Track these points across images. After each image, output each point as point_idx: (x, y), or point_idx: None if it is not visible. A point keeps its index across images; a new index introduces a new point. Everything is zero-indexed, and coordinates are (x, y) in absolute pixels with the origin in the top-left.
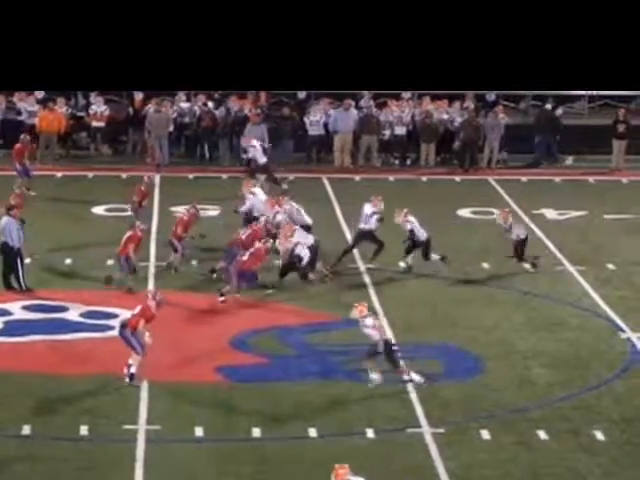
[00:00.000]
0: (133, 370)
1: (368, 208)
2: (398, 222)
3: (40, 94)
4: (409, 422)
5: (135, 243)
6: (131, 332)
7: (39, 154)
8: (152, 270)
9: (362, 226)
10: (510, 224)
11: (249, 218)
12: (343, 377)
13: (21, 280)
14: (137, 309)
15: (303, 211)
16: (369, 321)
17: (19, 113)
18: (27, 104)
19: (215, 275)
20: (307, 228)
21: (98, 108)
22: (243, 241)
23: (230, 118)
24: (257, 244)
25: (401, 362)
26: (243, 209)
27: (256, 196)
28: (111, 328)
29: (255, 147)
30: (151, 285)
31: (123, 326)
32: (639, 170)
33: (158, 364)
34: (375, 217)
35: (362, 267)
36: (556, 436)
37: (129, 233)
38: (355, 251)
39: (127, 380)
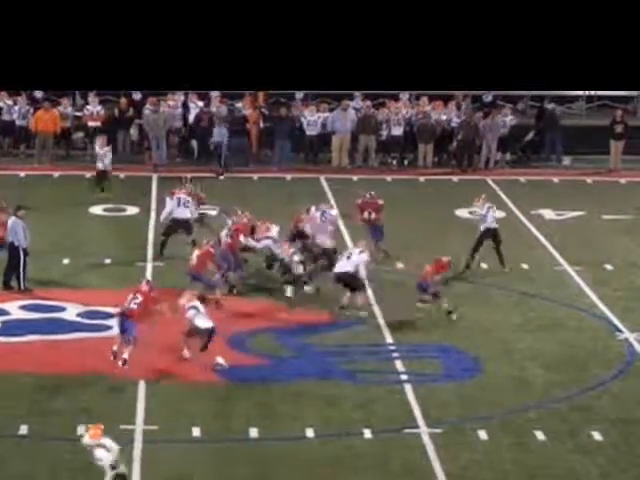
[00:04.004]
0: (126, 356)
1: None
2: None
3: (34, 94)
4: (406, 422)
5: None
6: (132, 322)
7: (36, 154)
8: (149, 270)
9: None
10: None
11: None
12: (340, 377)
13: (21, 280)
14: (137, 300)
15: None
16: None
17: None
18: (17, 105)
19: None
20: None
21: (94, 108)
22: (230, 244)
23: (229, 117)
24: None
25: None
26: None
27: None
28: (109, 328)
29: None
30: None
31: (124, 315)
32: (637, 170)
33: (155, 364)
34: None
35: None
36: (554, 437)
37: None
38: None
39: (121, 364)
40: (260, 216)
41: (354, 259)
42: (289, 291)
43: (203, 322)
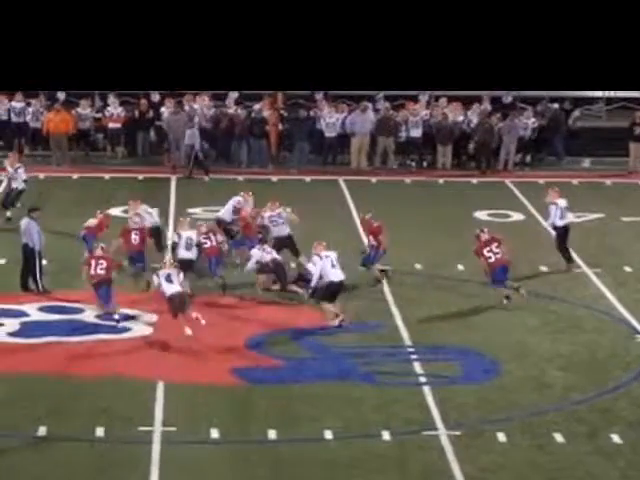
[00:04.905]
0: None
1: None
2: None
3: (57, 95)
4: (425, 424)
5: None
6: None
7: (53, 156)
8: None
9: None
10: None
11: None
12: (359, 379)
13: (38, 281)
14: (102, 264)
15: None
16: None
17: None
18: (30, 106)
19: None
20: (285, 239)
21: (114, 110)
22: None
23: (248, 120)
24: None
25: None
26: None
27: None
28: (127, 330)
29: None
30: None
31: (100, 283)
32: None
33: (174, 365)
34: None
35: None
36: (572, 439)
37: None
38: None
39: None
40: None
41: (338, 267)
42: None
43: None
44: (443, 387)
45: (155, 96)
